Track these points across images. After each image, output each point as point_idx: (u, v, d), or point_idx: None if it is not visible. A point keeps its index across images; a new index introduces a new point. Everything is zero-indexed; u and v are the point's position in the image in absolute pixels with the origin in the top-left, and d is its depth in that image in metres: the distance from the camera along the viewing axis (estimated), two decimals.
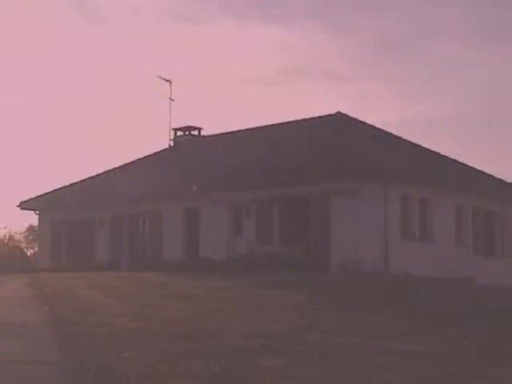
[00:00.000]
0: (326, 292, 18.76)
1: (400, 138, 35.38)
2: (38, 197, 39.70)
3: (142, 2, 76.29)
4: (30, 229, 60.33)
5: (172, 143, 41.56)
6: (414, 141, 35.75)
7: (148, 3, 77.43)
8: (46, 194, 39.76)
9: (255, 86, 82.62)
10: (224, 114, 74.78)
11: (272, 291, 18.16)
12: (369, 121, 36.03)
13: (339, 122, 34.65)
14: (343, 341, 10.98)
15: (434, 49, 76.92)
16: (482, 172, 35.04)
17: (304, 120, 36.18)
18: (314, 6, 76.89)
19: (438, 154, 35.16)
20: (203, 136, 41.30)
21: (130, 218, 35.60)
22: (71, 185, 39.88)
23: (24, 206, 39.74)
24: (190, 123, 41.55)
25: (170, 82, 41.00)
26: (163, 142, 41.88)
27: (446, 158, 35.04)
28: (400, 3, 77.92)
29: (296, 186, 29.45)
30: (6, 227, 63.48)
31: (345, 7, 78.44)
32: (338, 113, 35.60)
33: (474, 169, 35.15)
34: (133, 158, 41.63)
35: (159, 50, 78.58)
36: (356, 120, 35.55)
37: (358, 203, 28.09)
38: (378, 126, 35.81)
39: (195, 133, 41.45)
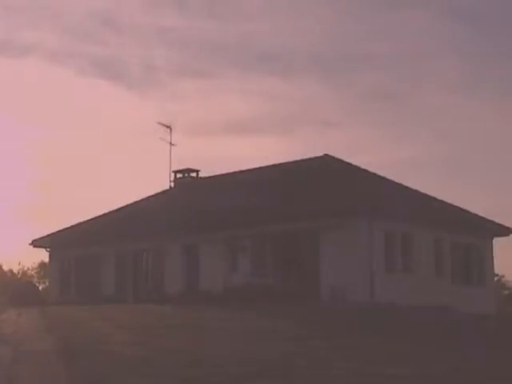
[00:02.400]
0: (315, 321, 18.84)
1: (384, 177, 35.54)
2: (48, 235, 39.71)
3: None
4: (42, 265, 60.20)
5: (172, 184, 41.69)
6: (397, 180, 35.94)
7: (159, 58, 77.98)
8: (56, 232, 39.79)
9: (250, 131, 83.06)
10: (221, 157, 75.03)
11: (266, 321, 18.22)
12: (356, 163, 36.15)
13: (327, 164, 34.88)
14: (332, 366, 11.06)
15: (423, 97, 77.62)
16: (459, 208, 35.17)
17: (294, 162, 36.39)
18: (312, 60, 77.71)
19: (418, 191, 35.31)
20: (201, 178, 41.45)
21: (134, 254, 35.62)
22: (79, 224, 39.92)
23: (36, 243, 39.76)
24: (189, 166, 41.73)
25: (170, 128, 41.28)
26: (164, 183, 42.02)
27: (426, 195, 35.19)
28: (389, 57, 78.79)
29: (288, 223, 29.60)
30: (19, 263, 63.49)
31: (340, 62, 79.36)
32: (326, 155, 35.85)
33: (452, 205, 35.28)
34: (137, 199, 41.75)
35: (166, 99, 78.96)
36: (342, 161, 35.76)
37: (344, 238, 28.21)
38: (363, 167, 36.00)
39: (194, 175, 41.60)
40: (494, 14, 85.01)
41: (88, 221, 40.00)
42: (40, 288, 52.27)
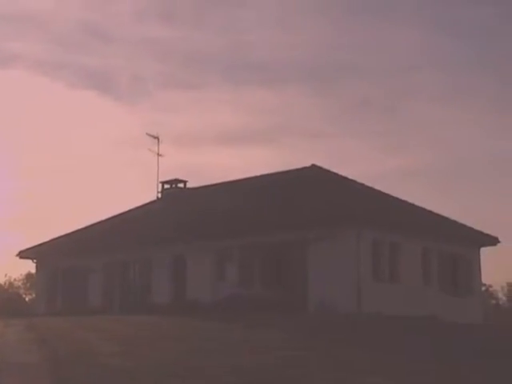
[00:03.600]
0: (303, 331, 18.83)
1: (371, 187, 35.65)
2: (35, 246, 39.59)
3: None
4: (28, 276, 60.02)
5: (160, 195, 41.66)
6: (384, 190, 36.03)
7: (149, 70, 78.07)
8: (42, 243, 39.67)
9: (238, 142, 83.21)
10: (209, 168, 75.17)
11: (254, 332, 18.21)
12: (344, 173, 36.25)
13: (314, 174, 34.93)
14: (320, 376, 11.07)
15: (409, 108, 78.12)
16: (446, 218, 35.28)
17: (282, 172, 36.44)
18: (300, 72, 78.04)
19: (405, 201, 35.42)
20: (189, 188, 41.45)
21: (121, 265, 35.54)
22: (66, 235, 39.82)
23: (22, 255, 39.62)
24: (176, 177, 41.73)
25: (158, 139, 41.31)
26: (152, 194, 41.99)
27: (413, 205, 35.30)
28: (376, 69, 79.25)
29: (275, 233, 29.62)
30: (6, 275, 63.27)
31: (328, 74, 79.76)
32: (313, 165, 35.91)
33: (439, 215, 35.39)
34: (124, 210, 41.69)
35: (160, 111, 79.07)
36: (330, 172, 35.84)
37: (332, 248, 28.24)
38: (350, 177, 36.08)
39: (181, 185, 41.59)
40: (479, 28, 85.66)
41: (75, 232, 39.90)
42: (26, 299, 52.12)
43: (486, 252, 35.49)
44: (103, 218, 41.07)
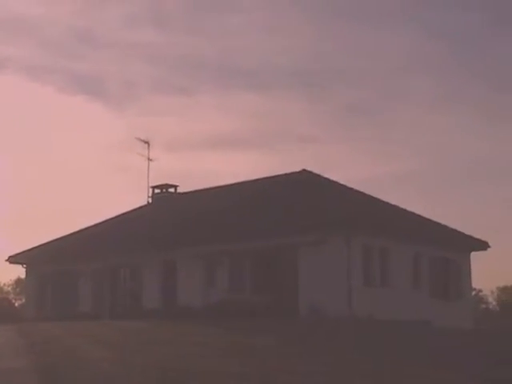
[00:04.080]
0: (294, 337, 18.77)
1: (362, 192, 35.67)
2: (25, 251, 39.44)
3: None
4: (18, 281, 59.86)
5: (150, 200, 41.59)
6: (375, 195, 36.05)
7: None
8: (32, 248, 39.53)
9: (229, 147, 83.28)
10: (200, 172, 75.22)
11: (244, 336, 18.15)
12: (335, 178, 36.28)
13: (305, 179, 34.91)
14: (310, 380, 11.02)
15: (400, 113, 78.41)
16: (437, 222, 35.31)
17: (272, 177, 36.42)
18: (290, 76, 78.19)
19: (396, 206, 35.45)
20: (179, 193, 41.38)
21: (111, 270, 35.43)
22: (56, 240, 39.69)
23: (12, 260, 39.46)
24: (167, 181, 41.68)
25: (149, 144, 41.25)
26: (142, 198, 41.92)
27: (403, 210, 35.33)
28: (367, 74, 79.46)
29: (266, 238, 29.57)
30: None
31: (318, 78, 79.99)
32: (304, 170, 35.89)
33: (430, 220, 35.42)
34: (114, 214, 41.60)
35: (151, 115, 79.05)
36: (320, 177, 35.83)
37: (323, 253, 28.22)
38: (342, 182, 36.09)
39: (172, 190, 41.53)
40: (467, 33, 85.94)
41: (65, 237, 39.79)
42: (16, 304, 51.91)
43: (476, 257, 35.60)
44: (93, 222, 40.99)
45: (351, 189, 35.58)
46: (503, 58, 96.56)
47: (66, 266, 36.60)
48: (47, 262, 37.79)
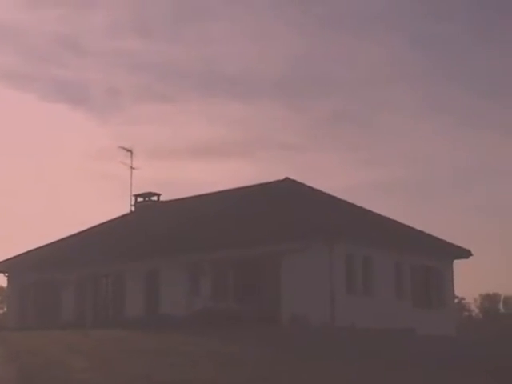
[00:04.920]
0: (276, 345, 18.76)
1: (344, 201, 35.71)
2: (6, 260, 39.21)
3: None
4: (0, 290, 59.49)
5: (133, 208, 41.47)
6: (358, 204, 36.11)
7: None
8: (14, 257, 39.30)
9: (212, 155, 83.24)
10: (183, 181, 75.19)
11: (227, 345, 18.12)
12: (318, 186, 36.30)
13: (288, 188, 34.94)
14: None
15: (383, 122, 78.77)
16: (419, 231, 35.40)
17: (256, 186, 36.41)
18: (274, 85, 78.41)
19: (379, 215, 35.51)
20: (162, 201, 41.30)
21: (94, 279, 35.29)
22: (38, 248, 39.49)
23: None
24: (150, 190, 41.59)
25: (131, 152, 41.16)
26: (125, 207, 41.80)
27: (386, 218, 35.40)
28: (350, 82, 79.76)
29: (249, 247, 29.56)
30: None
31: (302, 87, 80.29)
32: (287, 179, 35.92)
33: (413, 228, 35.49)
34: (97, 223, 41.45)
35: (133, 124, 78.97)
36: (303, 185, 35.86)
37: (306, 262, 28.24)
38: (325, 190, 36.13)
39: (155, 198, 41.45)
40: (450, 43, 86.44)
41: (47, 245, 39.59)
42: None
43: (458, 265, 35.70)
44: (76, 231, 40.83)
45: (334, 197, 35.63)
46: (485, 66, 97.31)
47: (48, 275, 36.41)
48: (29, 271, 37.59)
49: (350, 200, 36.02)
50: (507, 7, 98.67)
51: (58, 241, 39.92)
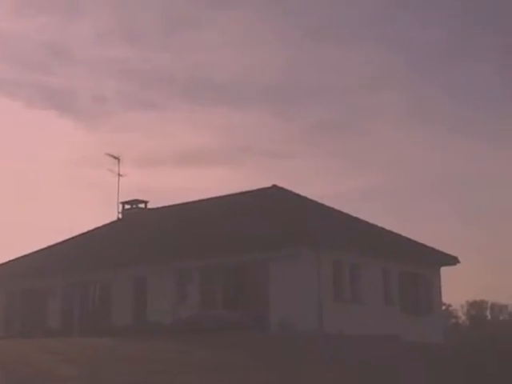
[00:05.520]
0: (264, 352, 18.74)
1: (331, 208, 35.76)
2: None
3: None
4: None
5: (120, 216, 41.38)
6: (345, 211, 36.16)
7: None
8: (1, 264, 39.14)
9: (200, 162, 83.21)
10: (170, 188, 75.13)
11: (215, 352, 18.08)
12: (305, 194, 36.33)
13: (275, 195, 34.97)
14: None
15: (370, 129, 79.02)
16: (406, 238, 35.47)
17: (243, 193, 36.43)
18: (262, 92, 78.52)
19: (366, 222, 35.57)
20: (149, 209, 41.23)
21: (81, 286, 35.17)
22: (25, 256, 39.34)
23: None
24: (137, 197, 41.51)
25: (119, 159, 41.08)
26: (112, 214, 41.70)
27: (373, 225, 35.45)
28: (337, 90, 79.95)
29: (236, 254, 29.54)
30: None
31: (289, 94, 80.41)
32: (274, 186, 35.95)
33: (400, 235, 35.57)
34: (84, 230, 41.34)
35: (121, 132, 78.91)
36: (291, 192, 35.89)
37: (293, 269, 28.23)
38: (312, 198, 36.17)
39: (142, 206, 41.37)
40: (433, 50, 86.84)
41: (33, 253, 39.47)
42: None
43: (445, 271, 35.78)
44: (63, 238, 40.70)
45: (321, 204, 35.68)
46: (468, 73, 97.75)
47: (34, 283, 36.28)
48: (16, 279, 37.45)
49: (338, 207, 36.10)
50: (493, 14, 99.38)
51: (44, 248, 39.80)
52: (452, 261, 35.33)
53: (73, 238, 40.38)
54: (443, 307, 50.39)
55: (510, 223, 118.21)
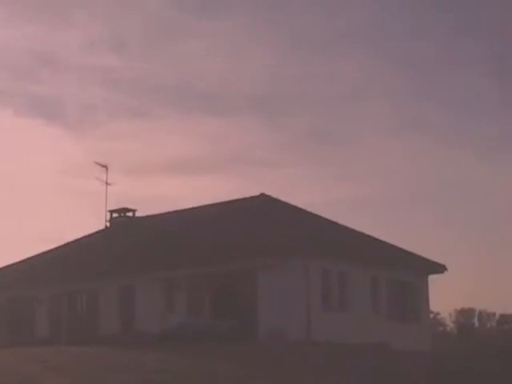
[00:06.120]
0: (253, 361, 18.72)
1: (319, 216, 35.79)
2: None
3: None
4: None
5: (108, 224, 41.28)
6: (333, 219, 36.20)
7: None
8: None
9: (188, 171, 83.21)
10: (158, 196, 75.06)
11: (202, 361, 18.06)
12: (294, 203, 36.35)
13: (264, 203, 34.97)
14: None
15: (359, 138, 79.25)
16: (395, 246, 35.54)
17: (231, 202, 36.40)
18: (250, 101, 78.64)
19: (354, 230, 35.61)
20: (137, 217, 41.15)
21: (68, 295, 35.05)
22: (12, 265, 39.19)
23: None
24: (125, 205, 41.41)
25: (107, 168, 41.00)
26: (100, 223, 41.58)
27: (361, 233, 35.50)
28: (325, 99, 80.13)
29: (225, 262, 29.52)
30: None
31: (277, 103, 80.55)
32: (262, 194, 35.95)
33: (388, 243, 35.63)
34: (72, 239, 41.21)
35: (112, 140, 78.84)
36: (279, 201, 35.91)
37: (282, 277, 28.22)
38: (300, 206, 36.19)
39: (130, 214, 41.28)
40: (422, 60, 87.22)
41: (21, 261, 39.32)
42: None
43: (433, 280, 35.85)
44: (50, 247, 40.59)
45: (309, 213, 35.71)
46: (456, 83, 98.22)
47: (22, 292, 36.14)
48: (3, 287, 37.29)
49: (326, 216, 36.14)
50: (482, 25, 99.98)
51: (32, 257, 39.66)
52: (440, 269, 35.41)
53: (60, 246, 40.26)
54: (431, 315, 50.52)
55: (498, 231, 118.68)
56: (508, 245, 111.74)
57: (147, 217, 40.21)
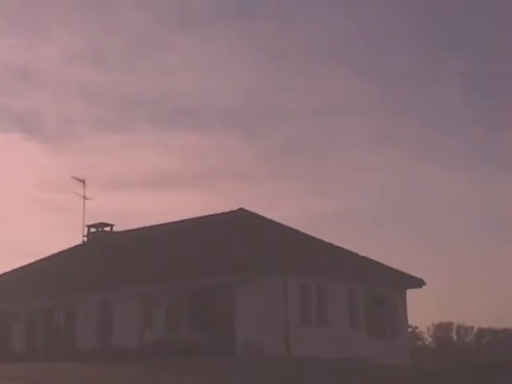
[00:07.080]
0: (230, 376, 18.72)
1: (298, 231, 35.87)
2: None
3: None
4: None
5: (85, 239, 41.14)
6: (311, 234, 36.29)
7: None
8: None
9: (166, 186, 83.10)
10: (137, 211, 74.84)
11: (180, 376, 18.04)
12: (272, 217, 36.43)
13: (242, 218, 35.01)
14: None
15: (335, 153, 79.65)
16: (373, 260, 35.65)
17: (209, 216, 36.40)
18: (228, 115, 78.82)
19: (332, 245, 35.71)
20: (115, 232, 41.04)
21: (45, 311, 34.86)
22: None
23: None
24: (103, 220, 41.28)
25: (84, 182, 40.90)
26: (77, 238, 41.41)
27: (340, 248, 35.61)
28: (303, 113, 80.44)
29: (202, 277, 29.52)
30: None
31: (255, 118, 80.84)
32: (240, 209, 36.00)
33: (366, 258, 35.73)
34: (49, 254, 41.02)
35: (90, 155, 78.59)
36: (257, 215, 35.97)
37: (260, 292, 28.25)
38: (278, 221, 36.26)
39: (107, 229, 41.16)
40: (398, 76, 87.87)
41: None
42: None
43: (411, 294, 35.97)
44: (27, 262, 40.36)
45: (288, 227, 35.79)
46: (432, 98, 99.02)
47: None
48: None
49: (304, 230, 36.22)
50: (455, 43, 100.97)
51: (8, 272, 39.45)
52: (418, 283, 35.55)
53: (37, 261, 40.06)
54: (409, 329, 50.66)
55: (475, 245, 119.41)
56: (485, 259, 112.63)
57: (125, 231, 40.11)
